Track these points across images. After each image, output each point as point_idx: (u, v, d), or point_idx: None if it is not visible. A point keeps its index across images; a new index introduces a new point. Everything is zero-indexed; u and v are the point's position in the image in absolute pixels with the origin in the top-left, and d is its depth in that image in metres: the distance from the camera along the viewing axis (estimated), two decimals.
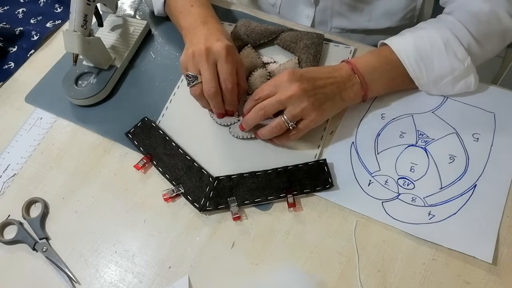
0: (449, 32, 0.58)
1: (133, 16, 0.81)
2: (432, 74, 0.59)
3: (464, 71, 0.58)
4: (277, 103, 0.56)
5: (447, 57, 0.58)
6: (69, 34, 0.62)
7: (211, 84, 0.57)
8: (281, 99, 0.55)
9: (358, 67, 0.59)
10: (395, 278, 0.51)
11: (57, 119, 0.68)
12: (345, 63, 0.60)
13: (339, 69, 0.59)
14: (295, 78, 0.55)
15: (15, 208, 0.60)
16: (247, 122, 0.59)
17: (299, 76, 0.56)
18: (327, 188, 0.57)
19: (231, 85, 0.58)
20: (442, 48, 0.57)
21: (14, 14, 0.84)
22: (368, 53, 0.62)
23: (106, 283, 0.54)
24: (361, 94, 0.60)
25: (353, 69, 0.59)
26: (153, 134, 0.64)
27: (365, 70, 0.59)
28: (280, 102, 0.55)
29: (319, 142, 0.61)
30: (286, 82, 0.55)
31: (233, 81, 0.58)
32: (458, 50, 0.58)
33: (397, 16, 0.78)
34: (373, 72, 0.59)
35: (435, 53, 0.58)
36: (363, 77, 0.59)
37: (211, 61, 0.57)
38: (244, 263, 0.53)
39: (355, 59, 0.61)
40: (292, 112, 0.55)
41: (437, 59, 0.58)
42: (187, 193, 0.58)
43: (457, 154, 0.58)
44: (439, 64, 0.58)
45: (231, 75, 0.58)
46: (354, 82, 0.59)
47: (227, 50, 0.57)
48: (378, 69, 0.60)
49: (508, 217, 0.53)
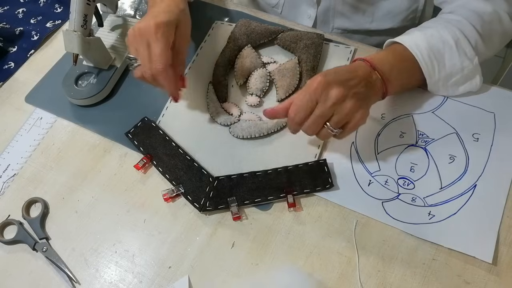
0: (458, 31, 0.58)
1: (133, 16, 0.81)
2: (443, 71, 0.59)
3: (473, 70, 0.59)
4: (321, 118, 0.52)
5: (458, 55, 0.58)
6: (69, 34, 0.62)
7: (147, 66, 0.55)
8: (323, 111, 0.52)
9: (376, 64, 0.57)
10: (395, 278, 0.51)
11: (57, 119, 0.68)
12: (361, 61, 0.58)
13: (358, 66, 0.56)
14: (330, 84, 0.52)
15: (15, 208, 0.60)
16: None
17: (333, 81, 0.52)
18: (327, 188, 0.57)
19: (160, 65, 0.54)
20: (453, 45, 0.57)
21: (14, 14, 0.84)
22: (382, 51, 0.61)
23: (106, 283, 0.54)
24: (382, 90, 0.58)
25: (371, 66, 0.57)
26: (153, 134, 0.64)
27: (383, 67, 0.57)
28: (324, 116, 0.52)
29: (319, 142, 0.61)
30: (323, 91, 0.51)
31: (163, 61, 0.54)
32: (468, 49, 0.58)
33: (400, 17, 0.78)
34: (391, 69, 0.57)
35: (446, 50, 0.58)
36: (383, 73, 0.57)
37: (144, 42, 0.54)
38: (244, 263, 0.53)
39: (370, 56, 0.58)
40: (337, 119, 0.52)
41: (448, 57, 0.58)
42: (187, 193, 0.58)
43: (457, 154, 0.58)
44: (450, 62, 0.58)
45: (160, 55, 0.54)
46: (375, 79, 0.56)
47: (156, 27, 0.53)
48: (395, 66, 0.58)
49: (508, 217, 0.53)
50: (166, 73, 0.55)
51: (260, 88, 0.66)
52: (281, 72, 0.67)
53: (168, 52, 0.55)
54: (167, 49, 0.55)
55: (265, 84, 0.67)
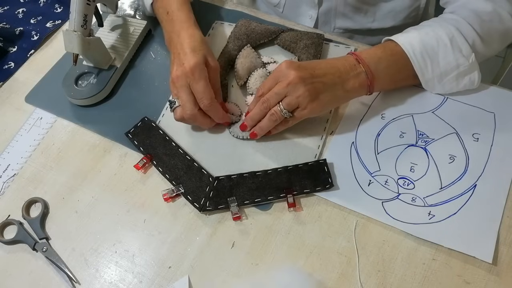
0: (454, 29, 0.58)
1: (133, 16, 0.81)
2: (437, 69, 0.59)
3: (469, 67, 0.59)
4: (276, 94, 0.56)
5: (452, 53, 0.58)
6: (69, 34, 0.62)
7: (187, 107, 0.58)
8: (279, 89, 0.55)
9: (363, 57, 0.58)
10: (395, 278, 0.51)
11: (57, 119, 0.68)
12: (349, 55, 0.60)
13: (343, 59, 0.59)
14: (293, 66, 0.55)
15: (15, 208, 0.60)
16: (253, 117, 0.59)
17: (297, 65, 0.56)
18: (327, 188, 0.57)
19: (207, 101, 0.58)
20: (447, 43, 0.58)
21: (14, 14, 0.84)
22: (373, 47, 0.61)
23: (106, 283, 0.54)
24: (367, 84, 0.58)
25: (357, 59, 0.58)
26: (153, 134, 0.64)
27: (370, 60, 0.58)
28: (279, 92, 0.56)
29: (319, 142, 0.61)
30: (284, 71, 0.56)
31: (209, 97, 0.58)
32: (463, 46, 0.58)
33: (401, 15, 0.78)
34: (378, 63, 0.58)
35: (440, 48, 0.58)
36: (368, 66, 0.58)
37: (184, 85, 0.58)
38: (244, 263, 0.53)
39: (359, 51, 0.60)
40: (288, 100, 0.55)
41: (442, 54, 0.58)
42: (187, 193, 0.58)
43: (457, 154, 0.58)
44: (444, 59, 0.58)
45: (204, 92, 0.57)
46: (358, 72, 0.57)
47: (192, 70, 0.57)
48: (383, 60, 0.59)
49: (508, 217, 0.53)
50: (213, 107, 0.59)
51: None
52: None
53: (210, 88, 0.58)
54: (208, 86, 0.58)
55: None
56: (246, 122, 0.60)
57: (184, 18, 0.64)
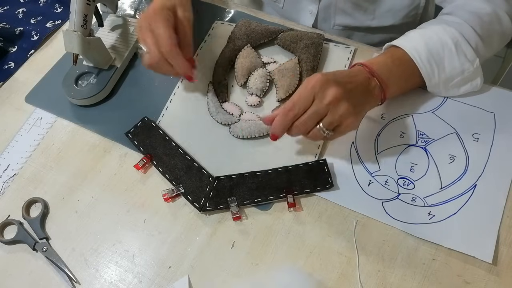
0: (458, 33, 0.58)
1: (133, 16, 0.81)
2: (443, 75, 0.59)
3: (473, 72, 0.58)
4: (316, 115, 0.52)
5: (457, 58, 0.57)
6: (69, 34, 0.62)
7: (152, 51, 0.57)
8: (319, 108, 0.52)
9: (376, 70, 0.57)
10: (395, 278, 0.51)
11: (57, 119, 0.68)
12: (360, 67, 0.58)
13: (357, 72, 0.57)
14: (329, 82, 0.52)
15: (15, 208, 0.60)
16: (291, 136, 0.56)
17: (333, 81, 0.52)
18: (327, 188, 0.57)
19: (166, 46, 0.56)
20: (452, 48, 0.57)
21: (14, 14, 0.84)
22: (380, 55, 0.61)
23: (106, 283, 0.54)
24: (381, 97, 0.58)
25: (370, 72, 0.57)
26: (153, 134, 0.64)
27: (382, 73, 0.57)
28: (319, 113, 0.52)
29: (319, 142, 0.61)
30: (321, 89, 0.52)
31: (168, 42, 0.56)
32: (468, 51, 0.57)
33: (401, 14, 0.78)
34: (390, 75, 0.58)
35: (446, 53, 0.57)
36: (382, 79, 0.57)
37: (147, 29, 0.57)
38: (244, 263, 0.53)
39: (369, 61, 0.59)
40: (330, 120, 0.52)
41: (448, 60, 0.58)
42: (187, 193, 0.58)
43: (457, 154, 0.58)
44: (450, 65, 0.58)
45: (163, 37, 0.56)
46: (374, 86, 0.57)
47: (154, 12, 0.56)
48: (394, 72, 0.58)
49: (508, 217, 0.53)
50: (174, 52, 0.57)
51: (260, 88, 0.66)
52: (281, 72, 0.67)
53: (172, 33, 0.57)
54: (169, 30, 0.56)
55: (265, 84, 0.67)
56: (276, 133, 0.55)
57: None
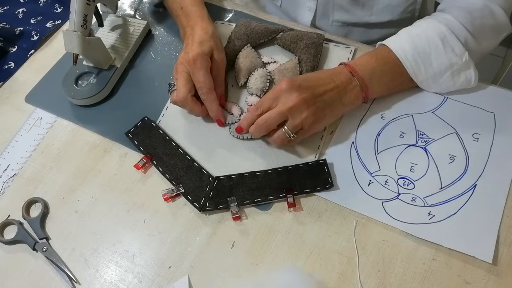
0: (445, 28, 0.58)
1: (133, 16, 0.81)
2: (430, 70, 0.59)
3: (463, 66, 0.59)
4: (278, 115, 0.56)
5: (444, 53, 0.58)
6: (69, 34, 0.62)
7: (180, 91, 0.61)
8: (282, 111, 0.55)
9: (357, 70, 0.59)
10: (395, 278, 0.51)
11: (57, 119, 0.68)
12: (343, 66, 0.60)
13: (338, 73, 0.59)
14: (294, 87, 0.55)
15: (15, 208, 0.60)
16: (253, 135, 0.60)
17: (298, 86, 0.56)
18: (327, 188, 0.57)
19: (205, 89, 0.60)
20: (439, 44, 0.58)
21: (14, 14, 0.84)
22: (366, 54, 0.62)
23: (106, 283, 0.54)
24: (362, 96, 0.60)
25: (351, 72, 0.59)
26: (153, 134, 0.64)
27: (364, 72, 0.59)
28: (281, 114, 0.55)
29: (319, 142, 0.61)
30: (285, 93, 0.55)
31: (207, 86, 0.60)
32: (456, 45, 0.58)
33: (399, 9, 0.78)
34: (372, 74, 0.60)
35: (432, 49, 0.58)
36: (363, 79, 0.59)
37: (183, 71, 0.61)
38: (244, 263, 0.53)
39: (353, 61, 0.61)
40: (293, 124, 0.56)
41: (434, 55, 0.58)
42: (187, 193, 0.58)
43: (457, 154, 0.58)
44: (436, 60, 0.59)
45: (203, 81, 0.60)
46: (354, 85, 0.59)
47: (194, 59, 0.60)
48: (377, 70, 0.60)
49: (508, 217, 0.53)
50: (211, 98, 0.61)
51: (260, 88, 0.66)
52: (281, 72, 0.67)
53: (210, 79, 0.61)
54: (207, 75, 0.61)
55: (265, 84, 0.67)
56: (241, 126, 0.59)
57: (198, 13, 0.67)
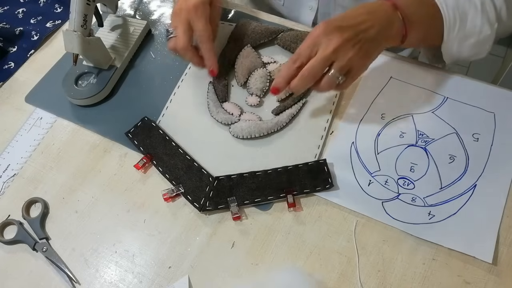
0: None
1: (133, 16, 0.81)
2: (462, 31, 0.58)
3: (489, 36, 0.58)
4: (323, 60, 0.52)
5: (481, 16, 0.57)
6: (69, 34, 0.62)
7: (181, 40, 0.61)
8: (326, 55, 0.52)
9: (401, 4, 0.55)
10: (395, 278, 0.51)
11: (57, 119, 0.68)
12: (383, 1, 0.56)
13: (378, 8, 0.55)
14: (333, 29, 0.52)
15: (15, 208, 0.60)
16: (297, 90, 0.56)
17: (337, 27, 0.52)
18: (327, 188, 0.57)
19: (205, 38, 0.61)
20: (478, 6, 0.57)
21: (14, 14, 0.84)
22: None
23: (106, 283, 0.54)
24: (402, 33, 0.56)
25: (394, 5, 0.55)
26: (153, 134, 0.64)
27: (408, 8, 0.56)
28: (326, 58, 0.52)
29: (319, 142, 0.61)
30: (324, 37, 0.52)
31: (207, 34, 0.61)
32: (491, 12, 0.58)
33: None
34: (414, 12, 0.56)
35: (472, 8, 0.57)
36: (406, 14, 0.55)
37: (184, 20, 0.61)
38: (244, 263, 0.53)
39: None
40: (340, 65, 0.53)
41: (471, 16, 0.57)
42: (187, 193, 0.58)
43: (457, 154, 0.58)
44: (472, 21, 0.58)
45: (204, 30, 0.61)
46: (395, 19, 0.55)
47: (195, 7, 0.60)
48: (419, 11, 0.56)
49: (508, 217, 0.53)
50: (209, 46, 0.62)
51: (260, 88, 0.66)
52: None
53: (209, 28, 0.62)
54: (207, 24, 0.61)
55: (265, 84, 0.67)
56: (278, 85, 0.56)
57: None
